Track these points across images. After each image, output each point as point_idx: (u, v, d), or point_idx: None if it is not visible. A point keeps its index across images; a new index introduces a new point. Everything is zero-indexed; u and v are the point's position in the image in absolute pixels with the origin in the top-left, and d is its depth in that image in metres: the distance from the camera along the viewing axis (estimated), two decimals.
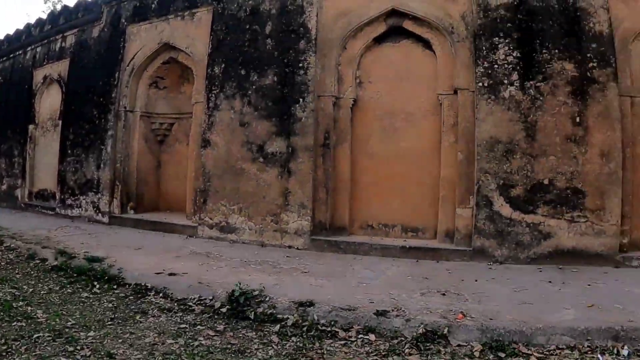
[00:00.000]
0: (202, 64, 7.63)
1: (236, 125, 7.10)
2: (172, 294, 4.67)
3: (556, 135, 6.06)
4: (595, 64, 6.15)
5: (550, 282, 5.17)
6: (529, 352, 3.42)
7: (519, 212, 6.02)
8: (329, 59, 6.79)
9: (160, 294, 4.71)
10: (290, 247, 6.67)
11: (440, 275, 5.38)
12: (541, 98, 6.10)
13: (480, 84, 6.18)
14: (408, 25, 6.69)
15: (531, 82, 6.13)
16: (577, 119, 6.07)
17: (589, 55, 6.16)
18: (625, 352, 3.45)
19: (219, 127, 7.24)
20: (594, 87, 6.10)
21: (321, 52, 6.81)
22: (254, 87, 7.03)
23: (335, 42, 6.80)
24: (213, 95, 7.34)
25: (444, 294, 4.54)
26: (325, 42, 6.83)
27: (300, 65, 6.81)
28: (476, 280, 5.15)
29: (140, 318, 4.05)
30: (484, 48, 6.27)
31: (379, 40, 6.88)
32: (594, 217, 6.00)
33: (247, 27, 7.27)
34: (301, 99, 6.74)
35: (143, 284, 4.93)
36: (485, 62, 6.22)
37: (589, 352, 3.46)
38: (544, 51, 6.19)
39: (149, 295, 4.72)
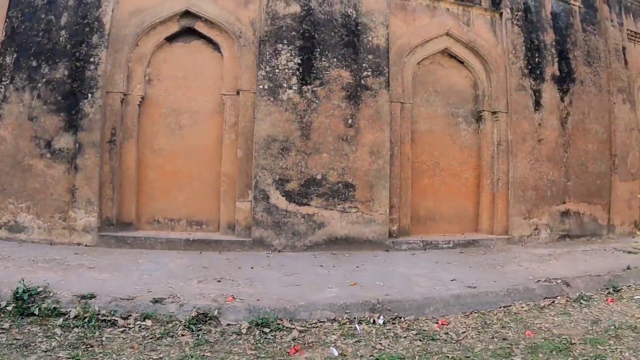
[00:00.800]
0: None
1: (25, 119, 7.15)
2: None
3: (330, 134, 6.85)
4: (369, 73, 7.05)
5: (322, 266, 5.97)
6: (292, 326, 3.99)
7: (294, 204, 6.76)
8: (121, 55, 7.11)
9: None
10: (79, 244, 6.82)
11: (219, 264, 5.90)
12: (317, 101, 6.86)
13: (261, 86, 6.83)
14: (200, 27, 7.22)
15: (309, 87, 6.88)
16: (350, 121, 6.89)
17: (365, 65, 7.07)
18: (380, 320, 4.17)
19: (7, 120, 7.23)
20: (367, 93, 7.00)
21: (113, 47, 7.11)
22: (44, 80, 7.14)
23: (128, 39, 7.14)
24: (3, 86, 7.32)
25: (219, 281, 5.03)
26: (119, 38, 7.14)
27: (92, 60, 7.05)
28: (252, 268, 5.76)
29: None
30: (267, 53, 6.92)
31: (170, 39, 7.33)
32: (364, 208, 6.85)
33: (43, 16, 7.37)
34: (90, 94, 6.96)
35: None
36: (267, 66, 6.87)
37: (348, 323, 4.13)
38: (323, 59, 6.98)
39: None
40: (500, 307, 4.71)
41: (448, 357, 3.51)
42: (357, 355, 3.52)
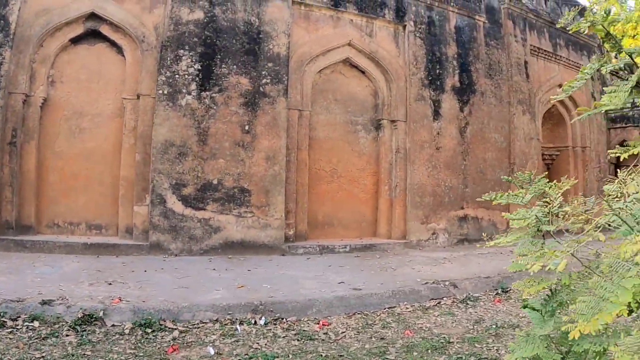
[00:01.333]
0: None
1: None
2: None
3: (226, 140, 7.27)
4: (268, 81, 7.46)
5: (214, 269, 6.33)
6: (175, 326, 4.25)
7: (190, 209, 7.15)
8: (25, 55, 7.37)
9: None
10: None
11: (114, 268, 6.23)
12: (215, 107, 7.27)
13: (161, 92, 7.20)
14: (105, 29, 7.56)
15: (207, 93, 7.27)
16: (247, 127, 7.31)
17: (264, 72, 7.49)
18: (262, 321, 4.45)
19: None
20: (265, 100, 7.41)
21: (18, 47, 7.36)
22: None
23: (33, 39, 7.41)
24: None
25: (110, 284, 5.30)
26: (24, 37, 7.40)
27: None
28: (145, 271, 6.09)
29: None
30: (168, 58, 7.29)
31: (75, 41, 7.63)
32: (260, 213, 7.26)
33: None
34: None
35: None
36: (168, 72, 7.24)
37: (230, 324, 4.38)
38: (223, 66, 7.37)
39: None
40: (385, 308, 5.03)
41: (322, 355, 3.75)
42: (232, 354, 3.75)
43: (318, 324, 4.51)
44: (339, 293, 5.14)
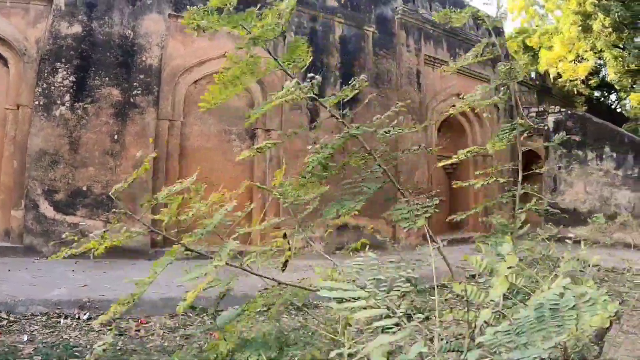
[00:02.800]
0: None
1: None
2: None
3: (96, 149, 8.78)
4: (139, 92, 8.89)
5: (74, 271, 7.90)
6: (7, 317, 5.49)
7: (61, 214, 8.68)
8: None
9: None
10: None
11: None
12: (87, 117, 8.78)
13: (37, 103, 8.74)
14: None
15: (80, 104, 8.79)
16: (116, 137, 8.75)
17: (135, 84, 8.93)
18: (85, 317, 5.68)
19: None
20: (135, 111, 8.86)
21: None
22: None
23: None
24: None
25: None
26: None
27: None
28: (9, 270, 7.60)
29: None
30: (46, 71, 8.82)
31: None
32: (127, 219, 8.43)
33: None
34: None
35: None
36: (45, 84, 8.75)
37: (56, 317, 5.63)
38: (96, 78, 8.86)
39: None
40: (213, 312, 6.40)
41: (117, 348, 4.70)
42: (42, 341, 4.81)
43: (137, 322, 5.60)
44: (167, 294, 6.16)
